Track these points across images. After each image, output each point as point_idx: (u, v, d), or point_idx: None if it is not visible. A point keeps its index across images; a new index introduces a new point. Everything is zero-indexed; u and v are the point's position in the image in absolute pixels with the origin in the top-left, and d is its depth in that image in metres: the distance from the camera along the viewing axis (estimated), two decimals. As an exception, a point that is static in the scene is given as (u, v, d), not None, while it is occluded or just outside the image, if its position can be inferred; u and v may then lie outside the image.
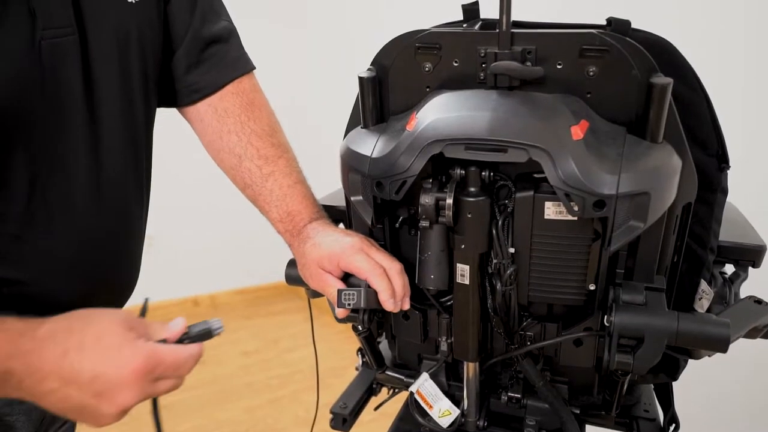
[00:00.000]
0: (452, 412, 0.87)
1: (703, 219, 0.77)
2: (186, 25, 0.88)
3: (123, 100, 0.80)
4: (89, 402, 0.60)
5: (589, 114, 0.69)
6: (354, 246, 0.79)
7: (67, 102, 0.73)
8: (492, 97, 0.69)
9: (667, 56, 0.70)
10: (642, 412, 0.91)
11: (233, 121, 0.92)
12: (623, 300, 0.69)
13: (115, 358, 0.60)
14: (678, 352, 0.78)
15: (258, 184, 0.91)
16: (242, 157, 0.91)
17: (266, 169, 0.91)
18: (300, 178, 0.93)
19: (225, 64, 0.92)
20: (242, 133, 0.91)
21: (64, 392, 0.59)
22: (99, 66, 0.75)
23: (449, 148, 0.67)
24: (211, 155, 0.97)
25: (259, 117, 0.93)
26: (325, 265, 0.80)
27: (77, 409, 0.61)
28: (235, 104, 0.92)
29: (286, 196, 0.90)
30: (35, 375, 0.59)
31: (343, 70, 2.75)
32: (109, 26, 0.75)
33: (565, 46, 0.68)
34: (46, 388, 0.59)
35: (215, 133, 0.93)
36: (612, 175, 0.62)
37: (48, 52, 0.69)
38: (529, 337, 0.81)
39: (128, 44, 0.79)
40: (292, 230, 0.89)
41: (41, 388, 0.59)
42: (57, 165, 0.74)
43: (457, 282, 0.78)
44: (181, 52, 0.89)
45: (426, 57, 0.75)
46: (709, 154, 0.74)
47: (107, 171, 0.80)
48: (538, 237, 0.73)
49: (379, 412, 1.03)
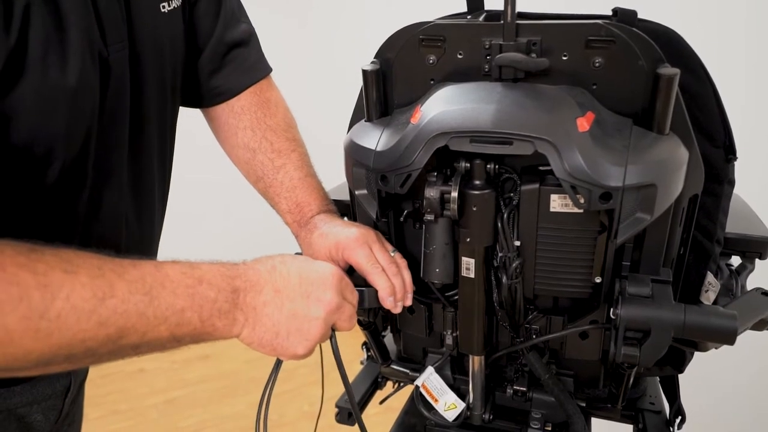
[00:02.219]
0: (458, 405, 0.87)
1: (710, 211, 0.76)
2: (211, 29, 0.90)
3: (159, 107, 0.83)
4: (300, 304, 0.67)
5: (595, 105, 0.68)
6: (359, 239, 0.79)
7: (119, 114, 0.74)
8: (497, 89, 0.69)
9: (674, 47, 0.69)
10: (648, 405, 0.91)
11: (249, 117, 0.94)
12: (629, 292, 0.68)
13: (315, 264, 0.71)
14: (684, 345, 0.77)
15: (269, 176, 0.93)
16: (256, 151, 0.93)
17: (278, 162, 0.93)
18: (311, 172, 0.95)
19: (246, 67, 0.95)
20: (258, 129, 0.94)
21: (279, 300, 0.66)
22: (142, 77, 0.77)
23: (454, 140, 0.67)
24: (225, 151, 0.99)
25: (274, 113, 0.96)
26: (332, 255, 0.82)
27: (290, 318, 0.66)
28: (252, 102, 0.95)
29: (296, 188, 0.92)
30: (254, 288, 0.66)
31: (346, 62, 2.74)
32: (150, 37, 0.77)
33: (570, 37, 0.68)
34: (263, 299, 0.66)
35: (231, 130, 0.96)
36: (618, 167, 0.62)
37: (110, 67, 0.70)
38: (535, 330, 0.81)
39: (163, 53, 0.81)
40: (300, 221, 0.90)
41: (260, 299, 0.66)
42: (108, 177, 0.75)
43: (463, 275, 0.78)
44: (205, 56, 0.91)
45: (430, 49, 0.74)
46: (716, 146, 0.74)
47: (144, 180, 0.83)
48: (544, 230, 0.73)
49: (385, 406, 1.03)
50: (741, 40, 1.58)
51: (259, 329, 0.66)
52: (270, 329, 0.66)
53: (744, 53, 1.58)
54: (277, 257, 0.70)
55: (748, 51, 1.58)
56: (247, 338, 0.66)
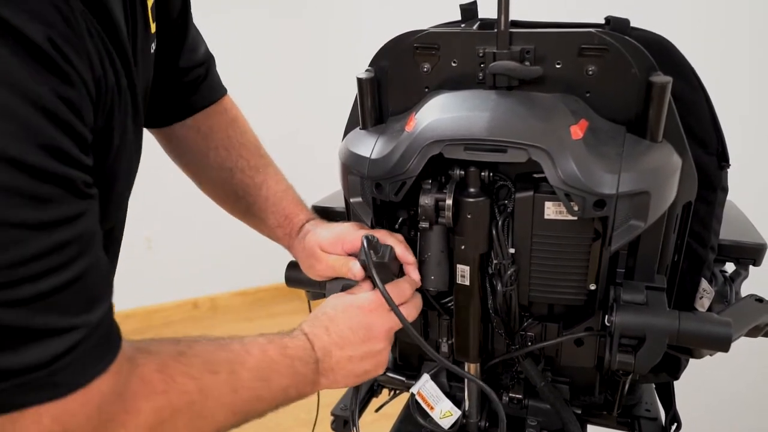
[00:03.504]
0: (453, 413, 0.87)
1: (704, 218, 0.77)
2: (177, 56, 0.89)
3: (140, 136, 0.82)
4: (364, 349, 0.73)
5: (588, 113, 0.68)
6: (354, 225, 0.83)
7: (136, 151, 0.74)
8: (491, 97, 0.69)
9: (666, 55, 0.69)
10: (644, 412, 0.91)
11: (220, 137, 0.93)
12: (624, 299, 0.68)
13: (352, 309, 0.75)
14: (679, 352, 0.77)
15: (252, 194, 0.92)
16: (233, 170, 0.92)
17: (258, 179, 0.92)
18: (289, 184, 0.95)
19: (209, 86, 0.93)
20: (231, 148, 0.92)
21: (346, 354, 0.73)
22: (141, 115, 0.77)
23: (448, 148, 0.67)
24: (189, 172, 0.97)
25: (244, 131, 0.95)
26: (327, 248, 0.83)
27: (361, 361, 0.74)
28: (221, 122, 0.93)
29: (281, 200, 0.92)
30: (326, 354, 0.72)
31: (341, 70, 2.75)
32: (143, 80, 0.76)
33: (563, 46, 0.68)
34: (335, 360, 0.72)
35: (200, 151, 0.93)
36: (612, 175, 0.62)
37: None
38: (530, 337, 0.81)
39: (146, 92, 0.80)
40: (290, 232, 0.90)
41: (333, 362, 0.72)
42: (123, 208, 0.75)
43: (458, 283, 0.78)
44: (170, 78, 0.89)
45: (424, 57, 0.75)
46: (709, 153, 0.74)
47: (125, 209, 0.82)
48: (539, 237, 0.73)
49: (381, 414, 1.03)
50: (735, 48, 1.59)
51: (341, 381, 0.74)
52: (349, 376, 0.74)
53: (738, 61, 1.59)
54: (323, 317, 0.75)
55: (743, 58, 1.59)
56: (332, 387, 0.74)
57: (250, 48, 3.02)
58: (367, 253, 0.74)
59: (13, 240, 0.41)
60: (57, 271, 0.44)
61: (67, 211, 0.44)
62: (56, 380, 0.45)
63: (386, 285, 0.74)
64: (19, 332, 0.43)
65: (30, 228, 0.42)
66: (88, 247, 0.47)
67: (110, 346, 0.50)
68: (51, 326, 0.44)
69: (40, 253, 0.42)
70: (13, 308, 0.42)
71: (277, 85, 3.11)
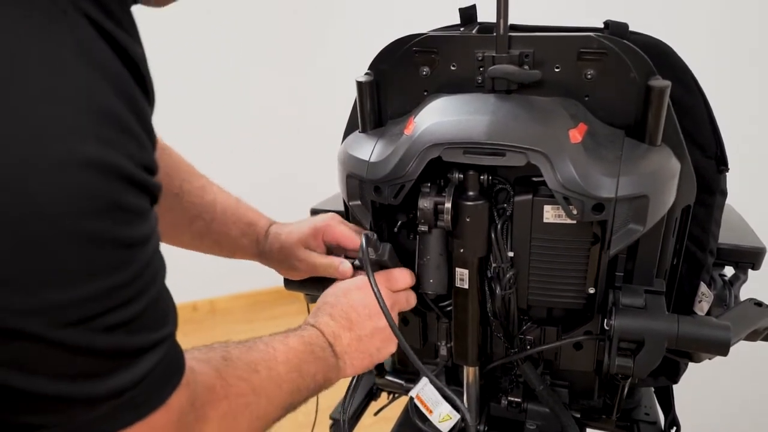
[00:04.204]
0: (452, 416, 0.87)
1: (703, 221, 0.77)
2: None
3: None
4: (370, 326, 0.75)
5: (587, 117, 0.68)
6: (334, 218, 0.85)
7: None
8: (490, 100, 0.69)
9: (664, 59, 0.70)
10: (643, 416, 0.90)
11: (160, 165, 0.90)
12: (623, 303, 0.68)
13: (351, 291, 0.76)
14: (678, 356, 0.77)
15: (208, 212, 0.89)
16: (180, 194, 0.88)
17: (208, 197, 0.90)
18: (236, 195, 0.93)
19: None
20: (173, 172, 0.88)
21: (355, 334, 0.74)
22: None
23: (447, 152, 0.67)
24: None
25: (173, 153, 0.91)
26: (310, 243, 0.83)
27: (370, 339, 0.75)
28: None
29: (238, 210, 0.91)
30: (337, 338, 0.73)
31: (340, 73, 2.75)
32: None
33: (562, 50, 0.68)
34: (346, 342, 0.73)
35: None
36: (611, 179, 0.62)
37: None
38: (529, 340, 0.81)
39: None
40: (257, 238, 0.90)
41: (344, 344, 0.73)
42: None
43: (457, 286, 0.78)
44: None
45: (424, 61, 0.75)
46: (707, 157, 0.74)
47: None
48: (537, 240, 0.73)
49: (380, 417, 1.02)
50: (733, 52, 1.59)
51: (358, 363, 0.75)
52: (365, 358, 0.75)
53: (736, 64, 1.59)
54: (324, 306, 0.76)
55: (741, 62, 1.59)
56: (353, 372, 0.75)
57: (250, 48, 3.02)
58: (366, 251, 0.74)
59: (121, 261, 0.39)
60: (150, 285, 0.42)
61: (153, 222, 0.43)
62: (139, 400, 0.44)
63: (377, 273, 0.75)
64: (120, 354, 0.41)
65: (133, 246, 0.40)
66: (162, 256, 0.46)
67: (180, 358, 0.49)
68: (142, 345, 0.43)
69: (141, 271, 0.41)
70: (118, 331, 0.40)
71: (276, 86, 3.11)
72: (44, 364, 0.37)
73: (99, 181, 0.36)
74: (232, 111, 3.00)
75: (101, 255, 0.37)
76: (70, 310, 0.36)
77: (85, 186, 0.35)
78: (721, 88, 0.95)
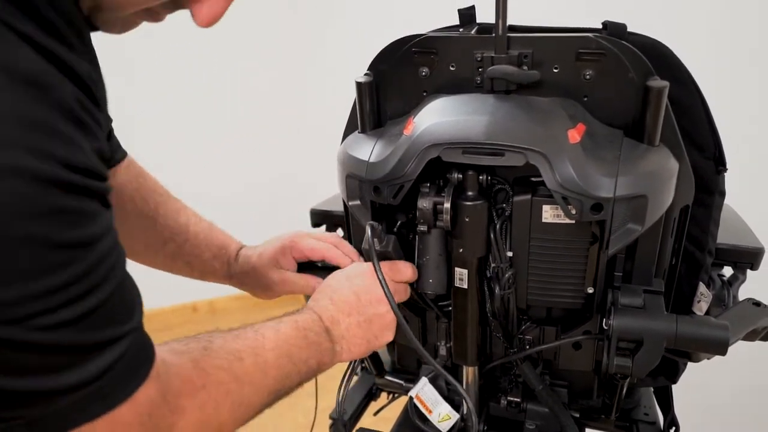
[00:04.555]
0: (452, 416, 0.87)
1: (701, 221, 0.77)
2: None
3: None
4: (370, 311, 0.75)
5: (585, 117, 0.69)
6: (299, 234, 0.88)
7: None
8: (489, 101, 0.70)
9: (663, 59, 0.70)
10: (642, 416, 0.91)
11: (133, 187, 0.91)
12: (622, 303, 0.68)
13: (352, 274, 0.78)
14: (677, 355, 0.78)
15: (181, 235, 0.91)
16: (155, 218, 0.90)
17: (182, 219, 0.92)
18: (208, 220, 0.96)
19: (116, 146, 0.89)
20: (147, 196, 0.91)
21: (354, 320, 0.75)
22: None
23: (447, 152, 0.67)
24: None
25: (150, 178, 0.93)
26: (281, 262, 0.86)
27: (369, 324, 0.75)
28: (129, 174, 0.91)
29: (210, 233, 0.93)
30: (335, 322, 0.74)
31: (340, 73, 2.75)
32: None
33: (561, 50, 0.68)
34: (345, 326, 0.74)
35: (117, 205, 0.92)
36: (609, 179, 0.62)
37: None
38: (528, 340, 0.81)
39: None
40: (229, 259, 0.92)
41: (342, 328, 0.74)
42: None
43: (456, 286, 0.78)
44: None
45: (423, 61, 0.75)
46: (706, 157, 0.74)
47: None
48: (536, 240, 0.73)
49: (379, 417, 1.02)
50: (732, 52, 1.59)
51: (355, 348, 0.75)
52: (362, 343, 0.76)
53: (735, 65, 1.59)
54: (326, 290, 0.77)
55: (740, 62, 1.59)
56: (348, 357, 0.76)
57: (250, 48, 3.02)
58: (371, 242, 0.74)
59: (64, 261, 0.40)
60: (102, 283, 0.44)
61: (104, 223, 0.44)
62: (105, 392, 0.45)
63: (382, 263, 0.76)
64: (74, 349, 0.43)
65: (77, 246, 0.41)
66: (121, 254, 0.47)
67: (148, 351, 0.50)
68: (102, 339, 0.44)
69: (89, 269, 0.42)
70: (67, 327, 0.41)
71: (276, 86, 3.11)
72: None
73: (32, 188, 0.37)
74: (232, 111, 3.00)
75: (42, 255, 0.39)
76: (13, 308, 0.38)
77: (18, 193, 0.37)
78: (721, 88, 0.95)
